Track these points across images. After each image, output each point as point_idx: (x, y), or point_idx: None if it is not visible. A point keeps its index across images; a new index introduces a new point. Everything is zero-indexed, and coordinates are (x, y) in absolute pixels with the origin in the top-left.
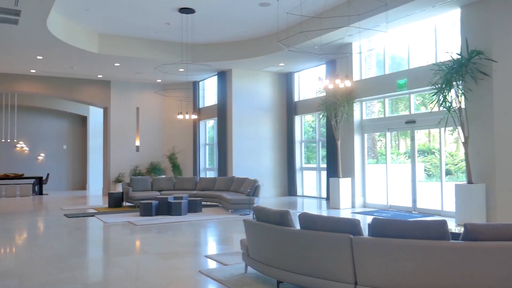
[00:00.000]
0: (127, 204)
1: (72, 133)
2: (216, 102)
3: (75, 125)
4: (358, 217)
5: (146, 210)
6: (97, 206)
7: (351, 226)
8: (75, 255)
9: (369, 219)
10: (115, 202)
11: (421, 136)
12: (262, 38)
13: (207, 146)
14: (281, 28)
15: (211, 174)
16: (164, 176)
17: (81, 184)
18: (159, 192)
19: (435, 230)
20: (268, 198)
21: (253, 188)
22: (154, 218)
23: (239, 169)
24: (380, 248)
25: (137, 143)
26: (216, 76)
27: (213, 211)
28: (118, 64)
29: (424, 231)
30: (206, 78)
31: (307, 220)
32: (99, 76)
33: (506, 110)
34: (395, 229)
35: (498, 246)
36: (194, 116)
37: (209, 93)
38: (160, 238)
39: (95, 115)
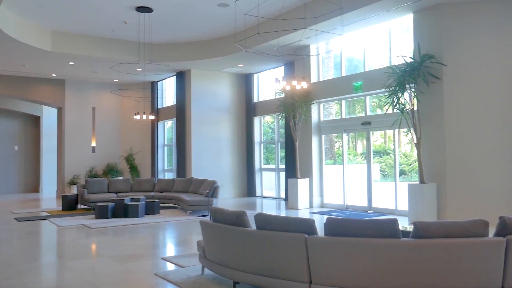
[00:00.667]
0: (82, 206)
1: (24, 134)
2: (175, 103)
3: (27, 126)
4: (315, 217)
5: (102, 213)
6: (50, 209)
7: (306, 226)
8: (25, 260)
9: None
10: (69, 204)
11: (377, 137)
12: (221, 39)
13: (165, 147)
14: (239, 29)
15: (170, 176)
16: (121, 177)
17: (34, 186)
18: (115, 194)
19: (386, 229)
20: (228, 199)
21: (212, 189)
22: (110, 220)
23: (198, 170)
24: (334, 247)
25: (93, 144)
26: (175, 77)
27: (171, 212)
28: (73, 63)
29: (376, 230)
30: (164, 78)
31: (263, 221)
32: (53, 75)
33: (455, 112)
34: (348, 228)
35: (445, 243)
36: (152, 117)
37: (168, 94)
38: (116, 241)
39: (48, 115)
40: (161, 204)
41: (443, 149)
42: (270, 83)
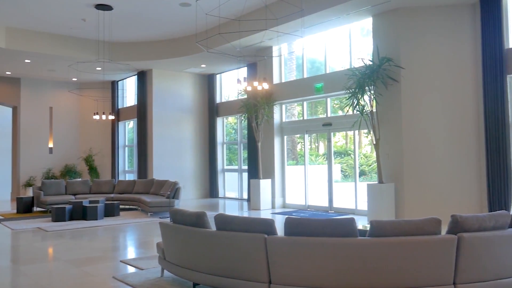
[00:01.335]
0: (38, 209)
1: None
2: (136, 103)
3: None
4: (277, 217)
5: (59, 215)
6: (4, 212)
7: (266, 226)
8: None
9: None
10: (25, 207)
11: (339, 138)
12: (182, 39)
13: (126, 148)
14: (201, 29)
15: (131, 177)
16: (79, 179)
17: None
18: (73, 196)
19: (344, 228)
20: (190, 200)
21: (173, 190)
22: (67, 223)
23: (159, 171)
24: (293, 247)
25: (50, 144)
26: (136, 76)
27: (131, 214)
28: (29, 61)
29: (334, 229)
30: (125, 78)
31: (223, 221)
32: (7, 73)
33: (412, 114)
34: (307, 228)
35: (400, 241)
36: (112, 117)
37: (129, 93)
38: (73, 244)
39: (2, 115)
40: (121, 206)
41: (400, 149)
42: (233, 84)
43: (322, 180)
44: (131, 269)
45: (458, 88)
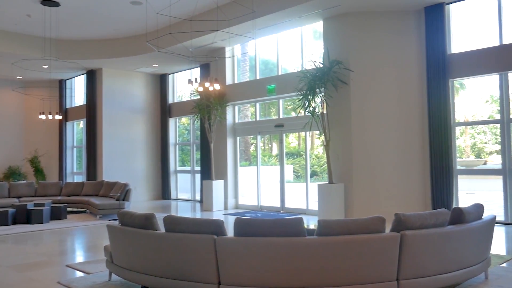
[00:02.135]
0: None
1: None
2: (85, 102)
3: None
4: (229, 218)
5: (1, 219)
6: None
7: (215, 227)
8: None
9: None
10: None
11: (292, 139)
12: (133, 38)
13: (75, 149)
14: (152, 29)
15: (80, 179)
16: (24, 181)
17: None
18: (17, 199)
19: (292, 228)
20: (141, 202)
21: (123, 192)
22: (10, 227)
23: (110, 173)
24: (242, 247)
25: None
26: (85, 75)
27: (79, 217)
28: None
29: (283, 229)
30: (74, 77)
31: (172, 223)
32: None
33: (361, 116)
34: (256, 228)
35: (346, 240)
36: (59, 117)
37: (77, 93)
38: (16, 249)
39: None
40: (69, 209)
41: (350, 150)
42: (185, 84)
43: (274, 180)
44: (78, 274)
45: (404, 91)
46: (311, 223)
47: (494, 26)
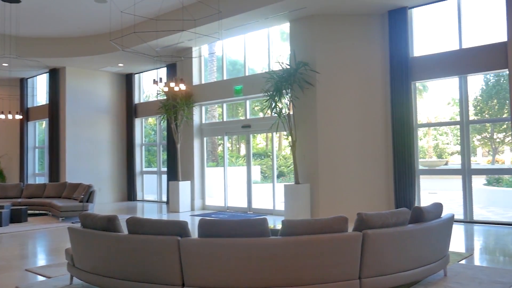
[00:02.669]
0: None
1: None
2: (48, 102)
3: None
4: (196, 219)
5: None
6: None
7: (179, 228)
8: None
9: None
10: None
11: (260, 140)
12: (98, 36)
13: (37, 150)
14: (116, 28)
15: (42, 180)
16: None
17: None
18: None
19: (256, 228)
20: (106, 204)
21: (87, 193)
22: None
23: (73, 174)
24: (206, 249)
25: None
26: (48, 74)
27: (41, 220)
28: None
29: (247, 230)
30: (36, 75)
31: (135, 224)
32: None
33: (327, 117)
34: (220, 229)
35: (309, 239)
36: (20, 117)
37: (40, 92)
38: None
39: None
40: (30, 211)
41: (316, 151)
42: (151, 84)
43: (242, 181)
44: (38, 278)
45: (369, 93)
46: (277, 224)
47: (454, 30)
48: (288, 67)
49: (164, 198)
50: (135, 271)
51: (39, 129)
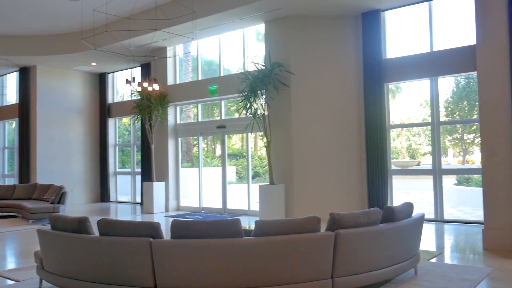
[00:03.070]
0: None
1: None
2: (18, 101)
3: None
4: (170, 220)
5: None
6: None
7: (152, 230)
8: None
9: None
10: None
11: (236, 140)
12: (69, 35)
13: (6, 150)
14: (88, 26)
15: (11, 181)
16: None
17: None
18: None
19: (229, 229)
20: (78, 205)
21: (58, 195)
22: None
23: (44, 175)
24: (179, 250)
25: None
26: (17, 72)
27: (10, 222)
28: None
29: (220, 230)
30: (5, 74)
31: (106, 226)
32: None
33: (301, 118)
34: (193, 230)
35: (282, 240)
36: None
37: (9, 91)
38: None
39: None
40: None
41: (290, 152)
42: (125, 84)
43: (217, 182)
44: (6, 282)
45: (342, 94)
46: (252, 224)
47: (425, 33)
48: (263, 68)
49: (138, 199)
50: (107, 274)
51: (8, 129)
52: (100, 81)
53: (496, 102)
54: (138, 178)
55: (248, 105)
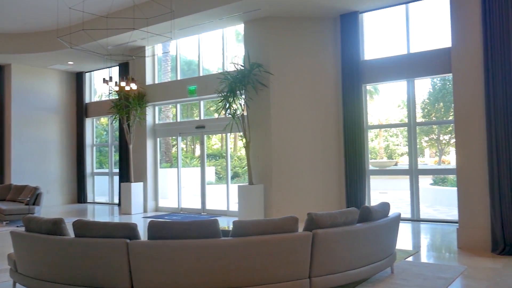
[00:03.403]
0: None
1: None
2: None
3: None
4: (148, 221)
5: None
6: None
7: (128, 231)
8: None
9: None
10: None
11: (216, 141)
12: (45, 33)
13: None
14: (64, 24)
15: None
16: None
17: None
18: None
19: (207, 229)
20: (55, 206)
21: (33, 196)
22: None
23: (20, 176)
24: (156, 251)
25: None
26: None
27: None
28: None
29: (198, 231)
30: None
31: (82, 227)
32: None
33: (280, 118)
34: (171, 230)
35: (260, 240)
36: None
37: None
38: None
39: None
40: None
41: (269, 152)
42: (101, 83)
43: (196, 182)
44: None
45: (321, 95)
46: (231, 224)
47: (402, 35)
48: (242, 68)
49: (116, 200)
50: (82, 276)
51: None
52: (77, 80)
53: (470, 103)
54: (116, 178)
55: (227, 105)
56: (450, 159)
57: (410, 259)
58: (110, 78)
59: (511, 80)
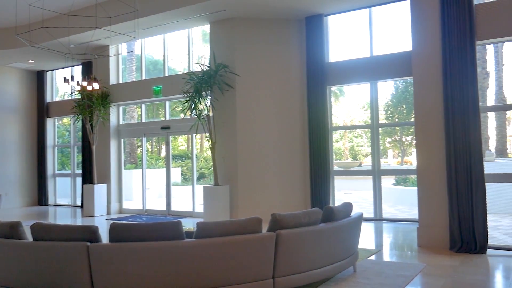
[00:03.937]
0: None
1: None
2: None
3: None
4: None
5: None
6: None
7: (89, 234)
8: None
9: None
10: None
11: (182, 142)
12: (4, 30)
13: None
14: (24, 22)
15: None
16: None
17: None
18: None
19: (170, 231)
20: (14, 209)
21: None
22: None
23: None
24: (117, 254)
25: None
26: None
27: None
28: None
29: (161, 233)
30: None
31: (41, 231)
32: None
33: (246, 119)
34: (133, 233)
35: (224, 241)
36: None
37: None
38: None
39: None
40: None
41: (235, 153)
42: (63, 82)
43: (161, 183)
44: None
45: (287, 96)
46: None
47: (366, 38)
48: (208, 68)
49: (79, 202)
50: (41, 280)
51: None
52: (38, 79)
53: (430, 105)
54: (79, 180)
55: (193, 106)
56: (412, 159)
57: (372, 257)
58: (72, 77)
59: (468, 83)
